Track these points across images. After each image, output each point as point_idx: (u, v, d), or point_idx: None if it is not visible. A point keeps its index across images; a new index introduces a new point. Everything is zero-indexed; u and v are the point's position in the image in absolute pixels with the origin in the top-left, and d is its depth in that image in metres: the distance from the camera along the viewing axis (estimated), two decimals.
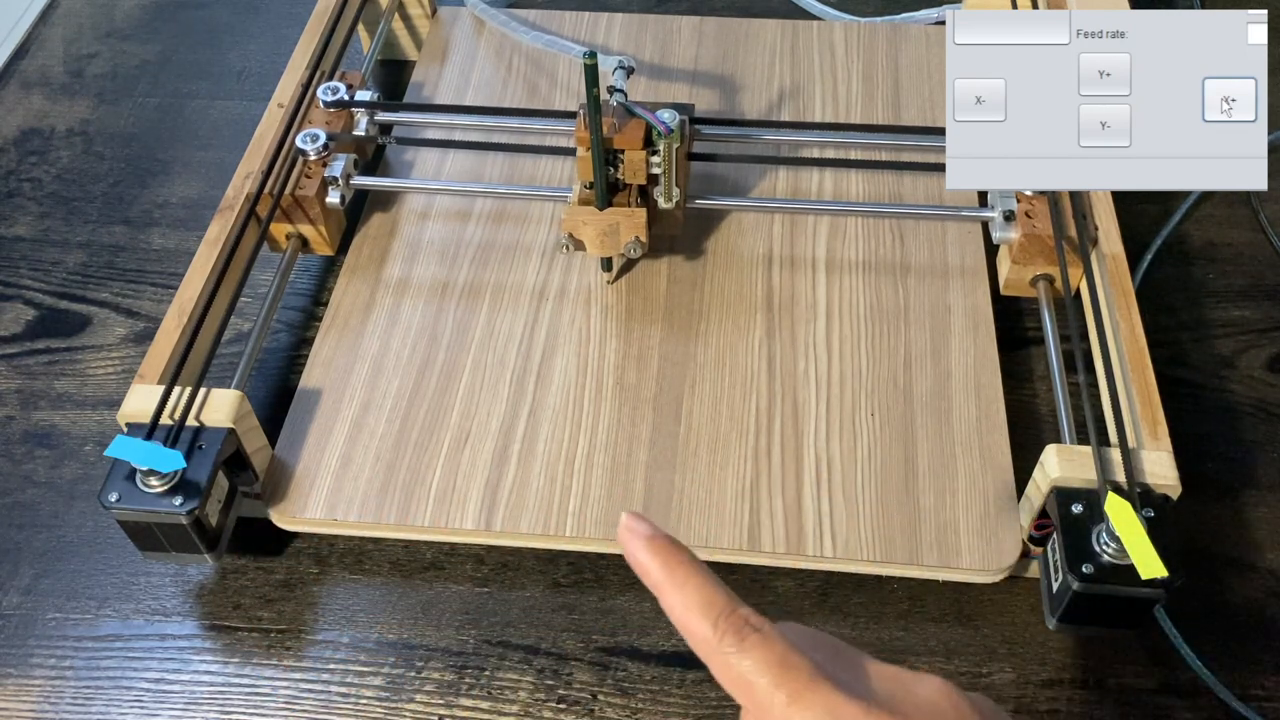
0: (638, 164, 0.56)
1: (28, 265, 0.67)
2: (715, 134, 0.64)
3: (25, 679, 0.51)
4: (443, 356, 0.58)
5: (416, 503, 0.53)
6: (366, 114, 0.64)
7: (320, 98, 0.63)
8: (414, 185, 0.65)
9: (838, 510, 0.52)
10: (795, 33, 0.74)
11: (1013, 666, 0.50)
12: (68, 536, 0.55)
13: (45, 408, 0.60)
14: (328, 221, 0.61)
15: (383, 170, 0.68)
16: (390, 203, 0.65)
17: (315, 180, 0.60)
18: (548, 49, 0.72)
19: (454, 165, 0.68)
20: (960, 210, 0.61)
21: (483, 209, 0.65)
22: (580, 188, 0.58)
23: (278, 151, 0.61)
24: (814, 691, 0.29)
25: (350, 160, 0.61)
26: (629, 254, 0.58)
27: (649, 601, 0.52)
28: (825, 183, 0.66)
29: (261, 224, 0.59)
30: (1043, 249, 0.57)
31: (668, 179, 0.57)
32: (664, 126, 0.55)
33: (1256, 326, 0.62)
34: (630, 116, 0.56)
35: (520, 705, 0.49)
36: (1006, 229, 0.57)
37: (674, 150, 0.56)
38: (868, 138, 0.66)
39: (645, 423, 0.55)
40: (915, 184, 0.66)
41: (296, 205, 0.60)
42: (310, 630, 0.52)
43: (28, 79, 0.79)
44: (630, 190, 0.58)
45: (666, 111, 0.55)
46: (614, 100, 0.57)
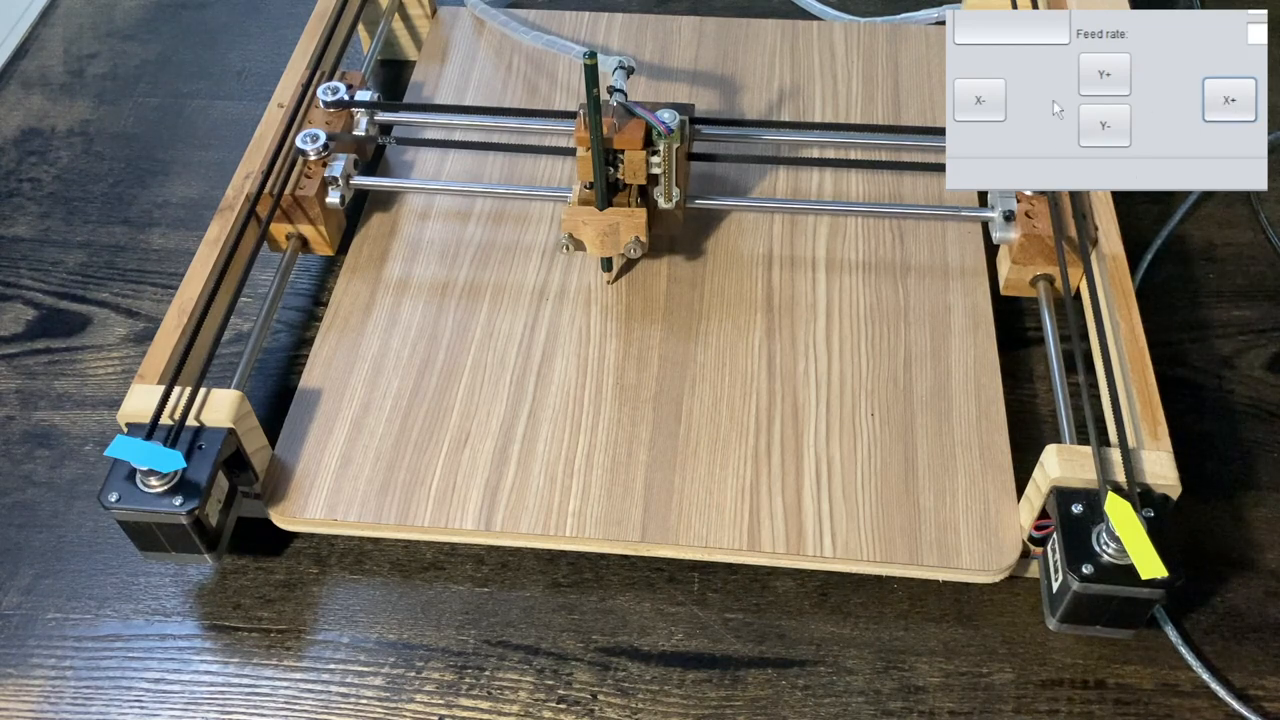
0: (638, 164, 0.56)
1: (28, 265, 0.67)
2: (715, 134, 0.64)
3: (25, 679, 0.51)
4: (443, 357, 0.58)
5: (416, 503, 0.53)
6: (366, 114, 0.64)
7: (320, 98, 0.63)
8: (414, 185, 0.65)
9: (838, 510, 0.52)
10: (795, 33, 0.74)
11: (1013, 666, 0.50)
12: (68, 536, 0.55)
13: (45, 408, 0.60)
14: (328, 221, 0.61)
15: (383, 170, 0.68)
16: (390, 203, 0.65)
17: (315, 180, 0.60)
18: (547, 49, 0.72)
19: (454, 165, 0.68)
20: (960, 210, 0.61)
21: (483, 209, 0.65)
22: (580, 188, 0.58)
23: (278, 151, 0.61)
24: None
25: (350, 160, 0.61)
26: (629, 254, 0.58)
27: (649, 601, 0.52)
28: (825, 183, 0.66)
29: (261, 224, 0.59)
30: (1043, 249, 0.57)
31: (667, 179, 0.57)
32: (664, 126, 0.55)
33: (1256, 326, 0.62)
34: (630, 116, 0.56)
35: (520, 705, 0.49)
36: (1006, 229, 0.57)
37: (674, 150, 0.56)
38: (868, 138, 0.66)
39: (645, 423, 0.55)
40: (915, 184, 0.66)
41: (296, 205, 0.60)
42: (310, 630, 0.52)
43: (28, 79, 0.79)
44: (630, 190, 0.58)
45: (666, 111, 0.55)
46: (614, 100, 0.57)
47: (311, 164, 0.61)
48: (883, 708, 0.48)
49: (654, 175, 0.57)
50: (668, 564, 0.53)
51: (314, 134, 0.61)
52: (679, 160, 0.57)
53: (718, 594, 0.52)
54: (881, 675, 0.49)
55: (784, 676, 0.49)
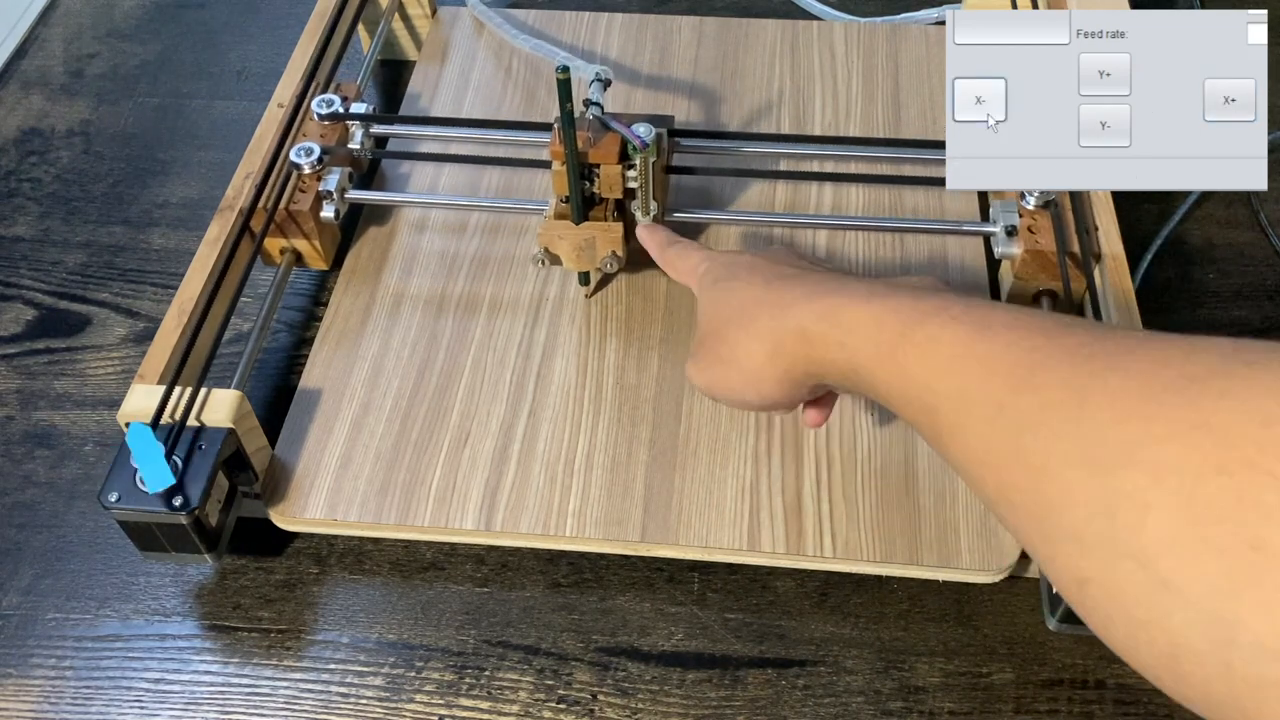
0: (613, 178, 0.55)
1: (28, 265, 0.67)
2: (697, 146, 0.63)
3: (25, 679, 0.51)
4: (442, 356, 0.58)
5: (416, 503, 0.52)
6: (361, 126, 0.64)
7: (315, 110, 0.63)
8: (408, 199, 0.65)
9: (838, 510, 0.52)
10: (795, 33, 0.74)
11: (1013, 666, 0.50)
12: (68, 536, 0.55)
13: (45, 408, 0.60)
14: (322, 236, 0.60)
15: (378, 182, 0.67)
16: (386, 216, 0.65)
17: (309, 195, 0.60)
18: (534, 53, 0.72)
19: (450, 176, 0.67)
20: (962, 224, 0.60)
21: (479, 220, 0.64)
22: (556, 201, 0.57)
23: (271, 165, 0.60)
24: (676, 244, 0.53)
25: (345, 174, 0.61)
26: (605, 269, 0.57)
27: (649, 601, 0.52)
28: (824, 194, 0.65)
29: (255, 239, 0.59)
30: (1046, 265, 0.56)
31: (644, 193, 0.56)
32: (639, 141, 0.53)
33: (1256, 326, 0.62)
34: (606, 130, 0.55)
35: (520, 705, 0.49)
36: (1009, 244, 0.56)
37: (650, 164, 0.55)
38: (861, 150, 0.64)
39: (645, 423, 0.55)
40: (915, 192, 0.65)
41: (290, 220, 0.59)
42: (310, 630, 0.52)
43: (28, 79, 0.79)
44: (607, 204, 0.57)
45: (642, 125, 0.54)
46: (590, 113, 0.55)
47: (306, 178, 0.60)
48: (883, 708, 0.48)
49: (631, 189, 0.56)
50: (668, 564, 0.53)
51: (308, 147, 0.60)
52: (656, 174, 0.56)
53: (718, 594, 0.52)
54: (881, 675, 0.49)
55: (784, 676, 0.49)
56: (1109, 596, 0.28)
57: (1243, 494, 0.25)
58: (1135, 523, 0.27)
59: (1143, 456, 0.28)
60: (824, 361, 0.41)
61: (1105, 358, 0.31)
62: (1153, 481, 0.27)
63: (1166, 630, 0.27)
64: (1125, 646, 0.29)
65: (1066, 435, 0.30)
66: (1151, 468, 0.27)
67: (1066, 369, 0.31)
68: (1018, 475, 0.31)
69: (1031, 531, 0.31)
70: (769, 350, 0.43)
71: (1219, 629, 0.25)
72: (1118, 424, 0.29)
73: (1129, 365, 0.30)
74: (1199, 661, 0.26)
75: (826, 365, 0.41)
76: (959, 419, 0.34)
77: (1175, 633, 0.26)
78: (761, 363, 0.43)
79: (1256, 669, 0.25)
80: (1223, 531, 0.25)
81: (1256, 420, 0.26)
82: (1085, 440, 0.29)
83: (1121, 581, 0.28)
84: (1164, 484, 0.27)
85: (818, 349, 0.41)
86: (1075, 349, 0.32)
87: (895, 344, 0.37)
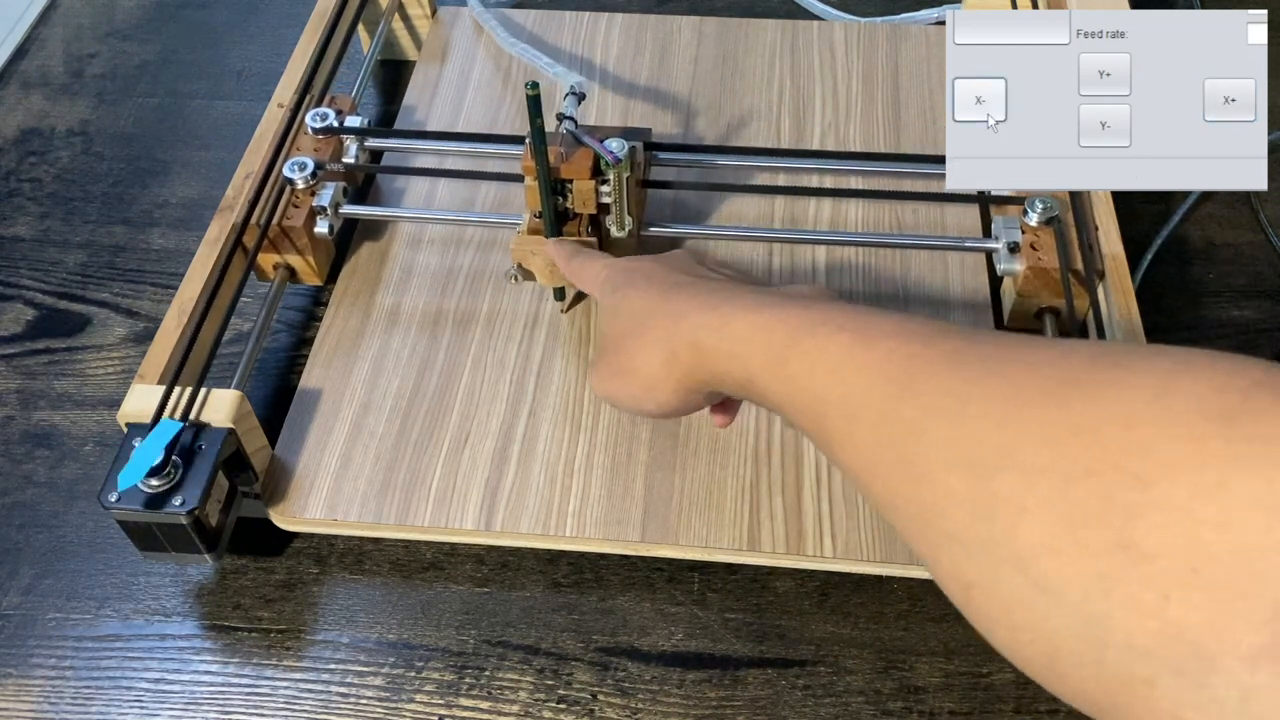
0: (586, 193, 0.55)
1: (28, 265, 0.67)
2: (674, 160, 0.62)
3: (25, 679, 0.51)
4: (442, 357, 0.58)
5: (416, 503, 0.53)
6: (356, 140, 0.63)
7: (309, 124, 0.62)
8: (402, 214, 0.64)
9: (838, 510, 0.52)
10: (795, 33, 0.74)
11: (1013, 667, 0.50)
12: (68, 536, 0.55)
13: (45, 408, 0.60)
14: (316, 252, 0.60)
15: (374, 195, 0.67)
16: (381, 230, 0.64)
17: (303, 210, 0.59)
18: (521, 57, 0.71)
19: (446, 189, 0.66)
20: (964, 241, 0.60)
21: (476, 233, 0.64)
22: (530, 216, 0.57)
23: (264, 181, 0.59)
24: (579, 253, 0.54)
25: (339, 189, 0.60)
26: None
27: (649, 601, 0.52)
28: (823, 209, 0.64)
29: (248, 255, 0.58)
30: (1049, 283, 0.55)
31: (619, 208, 0.55)
32: (611, 156, 0.53)
33: (1256, 326, 0.62)
34: (579, 145, 0.54)
35: (520, 705, 0.49)
36: (1011, 261, 0.56)
37: (624, 179, 0.54)
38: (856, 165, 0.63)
39: (645, 423, 0.55)
40: (916, 206, 0.64)
41: (284, 235, 0.59)
42: (310, 630, 0.52)
43: (28, 79, 0.79)
44: (581, 219, 0.56)
45: (615, 140, 0.53)
46: (563, 128, 0.55)
47: (299, 193, 0.60)
48: (883, 708, 0.48)
49: (605, 204, 0.55)
50: (668, 564, 0.53)
51: (302, 162, 0.60)
52: (631, 188, 0.55)
53: (718, 594, 0.52)
54: (881, 675, 0.49)
55: (784, 676, 0.49)
56: (990, 600, 0.29)
57: (1110, 495, 0.25)
58: (1011, 526, 0.27)
59: (1018, 459, 0.28)
60: (718, 371, 0.41)
61: (982, 363, 0.31)
62: (1027, 485, 0.27)
63: (1045, 634, 0.27)
64: (1008, 648, 0.29)
65: (947, 440, 0.30)
66: (1026, 471, 0.27)
67: (945, 375, 0.32)
68: (902, 481, 0.32)
69: (917, 536, 0.32)
70: (664, 360, 0.43)
71: (1092, 629, 0.25)
72: (995, 428, 0.29)
73: (1005, 370, 0.30)
74: (1076, 662, 0.26)
75: (721, 375, 0.41)
76: (846, 427, 0.34)
77: (1053, 635, 0.27)
78: (658, 372, 0.43)
79: (1127, 668, 0.25)
80: (1093, 533, 0.25)
81: (1120, 422, 0.26)
82: (965, 444, 0.29)
83: (1002, 586, 0.28)
84: (1037, 487, 0.27)
85: (710, 360, 0.41)
86: (952, 355, 0.32)
87: (784, 354, 0.37)
